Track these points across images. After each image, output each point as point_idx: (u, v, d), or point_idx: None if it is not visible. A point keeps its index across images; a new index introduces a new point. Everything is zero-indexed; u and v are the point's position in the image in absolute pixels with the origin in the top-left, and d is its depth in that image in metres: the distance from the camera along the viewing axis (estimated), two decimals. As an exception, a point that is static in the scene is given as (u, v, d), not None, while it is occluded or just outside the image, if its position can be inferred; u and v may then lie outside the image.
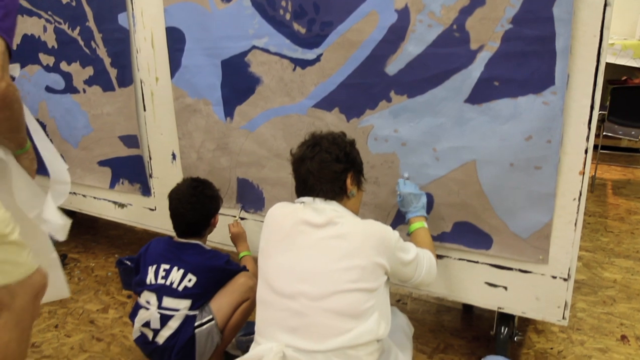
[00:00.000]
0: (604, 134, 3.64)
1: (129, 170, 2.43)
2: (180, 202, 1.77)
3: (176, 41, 2.03)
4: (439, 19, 1.49)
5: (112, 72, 2.29)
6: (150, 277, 1.70)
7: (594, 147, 1.52)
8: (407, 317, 1.59)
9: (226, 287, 1.73)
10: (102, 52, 2.29)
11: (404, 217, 1.61)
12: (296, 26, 1.73)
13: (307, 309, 1.23)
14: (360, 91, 1.67)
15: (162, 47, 2.10)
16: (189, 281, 1.66)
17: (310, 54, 1.73)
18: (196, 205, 1.77)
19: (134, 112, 2.29)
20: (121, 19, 2.18)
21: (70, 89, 2.47)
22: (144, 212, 2.48)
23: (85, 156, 2.57)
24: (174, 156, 2.25)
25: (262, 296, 1.35)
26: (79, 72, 2.41)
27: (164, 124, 2.23)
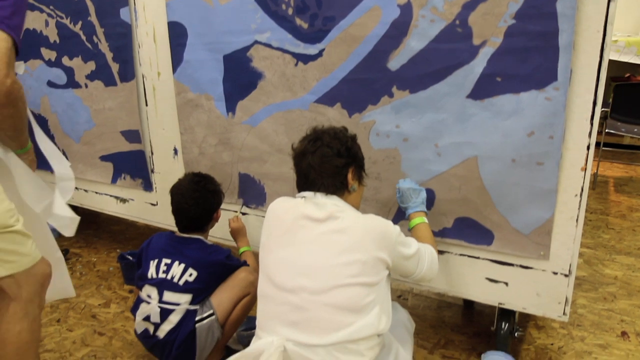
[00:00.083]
0: (607, 131, 3.63)
1: (131, 165, 2.43)
2: (183, 197, 1.77)
3: (178, 36, 2.03)
4: (441, 14, 1.48)
5: (114, 67, 2.29)
6: (151, 272, 1.71)
7: (596, 144, 1.51)
8: (408, 313, 1.59)
9: (227, 282, 1.74)
10: (104, 46, 2.29)
11: (405, 213, 1.61)
12: (298, 21, 1.73)
13: (308, 303, 1.24)
14: (362, 86, 1.67)
15: (164, 41, 2.10)
16: (190, 276, 1.67)
17: (312, 49, 1.73)
18: (199, 200, 1.77)
19: (136, 107, 2.29)
20: (123, 13, 2.18)
21: (72, 83, 2.47)
22: (146, 207, 2.48)
23: (87, 151, 2.57)
24: (175, 151, 2.25)
25: (263, 290, 1.35)
26: (81, 67, 2.41)
27: (166, 119, 2.23)
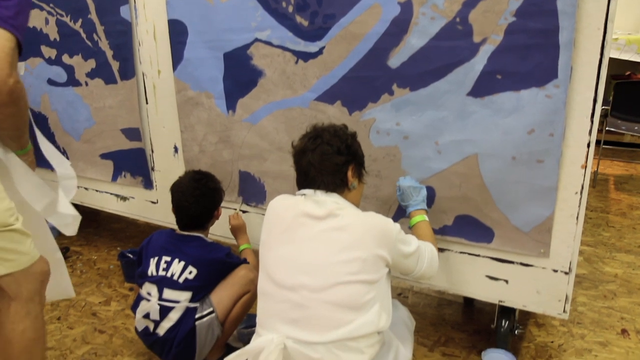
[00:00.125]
0: (607, 129, 3.63)
1: (131, 163, 2.43)
2: (184, 195, 1.77)
3: (178, 34, 2.03)
4: (442, 12, 1.48)
5: (114, 65, 2.29)
6: (151, 269, 1.71)
7: (597, 142, 1.51)
8: (408, 310, 1.59)
9: (227, 279, 1.74)
10: (104, 44, 2.29)
11: (405, 210, 1.61)
12: (299, 19, 1.73)
13: (308, 301, 1.24)
14: (362, 84, 1.67)
15: (165, 39, 2.10)
16: (190, 273, 1.67)
17: (312, 47, 1.73)
18: (200, 197, 1.78)
19: (136, 105, 2.29)
20: (123, 11, 2.17)
21: (72, 81, 2.47)
22: (146, 205, 2.48)
23: (87, 149, 2.57)
24: (176, 149, 2.25)
25: (263, 288, 1.35)
26: (81, 65, 2.41)
27: (166, 117, 2.23)
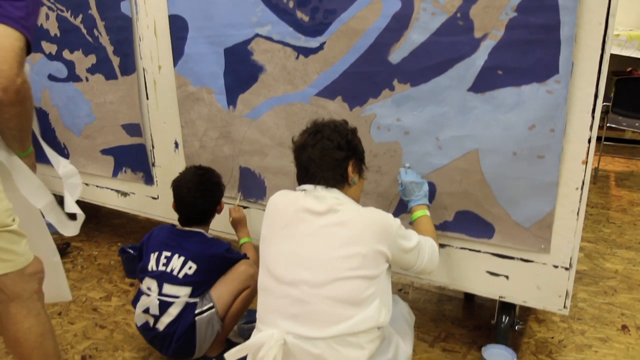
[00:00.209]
0: (608, 125, 3.62)
1: (132, 158, 2.43)
2: (189, 191, 1.78)
3: (179, 29, 2.02)
4: (442, 7, 1.48)
5: (115, 60, 2.29)
6: (151, 264, 1.72)
7: (598, 138, 1.51)
8: (408, 305, 1.59)
9: (227, 275, 1.74)
10: (104, 40, 2.29)
11: (406, 206, 1.61)
12: (299, 14, 1.73)
13: (308, 296, 1.24)
14: (363, 80, 1.67)
15: (165, 35, 2.09)
16: (190, 269, 1.67)
17: (313, 42, 1.73)
18: (205, 192, 1.80)
19: (137, 101, 2.29)
20: (124, 6, 2.17)
21: (72, 77, 2.47)
22: (147, 201, 2.48)
23: (88, 145, 2.57)
24: (176, 145, 2.25)
25: (263, 283, 1.35)
26: (82, 60, 2.40)
27: (167, 112, 2.22)
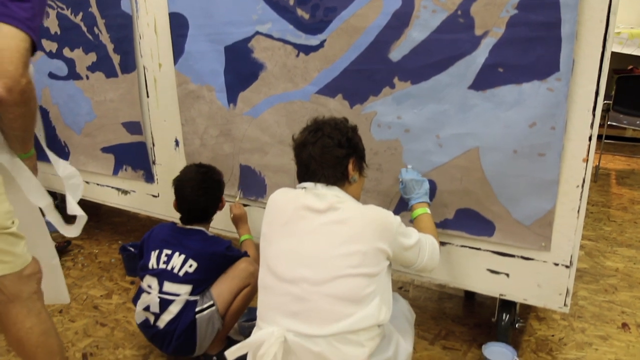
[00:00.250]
0: (609, 123, 3.62)
1: (132, 156, 2.43)
2: (192, 189, 1.78)
3: (179, 27, 2.02)
4: (443, 5, 1.47)
5: (115, 58, 2.29)
6: (152, 262, 1.72)
7: (599, 136, 1.51)
8: (408, 303, 1.59)
9: (227, 273, 1.74)
10: (105, 38, 2.28)
11: (407, 203, 1.61)
12: (300, 12, 1.72)
13: (308, 294, 1.24)
14: (363, 77, 1.67)
15: (165, 33, 2.09)
16: (190, 267, 1.67)
17: (313, 40, 1.72)
18: (208, 190, 1.80)
19: (137, 99, 2.29)
20: (124, 4, 2.17)
21: (73, 75, 2.47)
22: (147, 199, 2.48)
23: (88, 143, 2.57)
24: (177, 143, 2.25)
25: (263, 281, 1.35)
26: (82, 58, 2.40)
27: (167, 110, 2.22)
